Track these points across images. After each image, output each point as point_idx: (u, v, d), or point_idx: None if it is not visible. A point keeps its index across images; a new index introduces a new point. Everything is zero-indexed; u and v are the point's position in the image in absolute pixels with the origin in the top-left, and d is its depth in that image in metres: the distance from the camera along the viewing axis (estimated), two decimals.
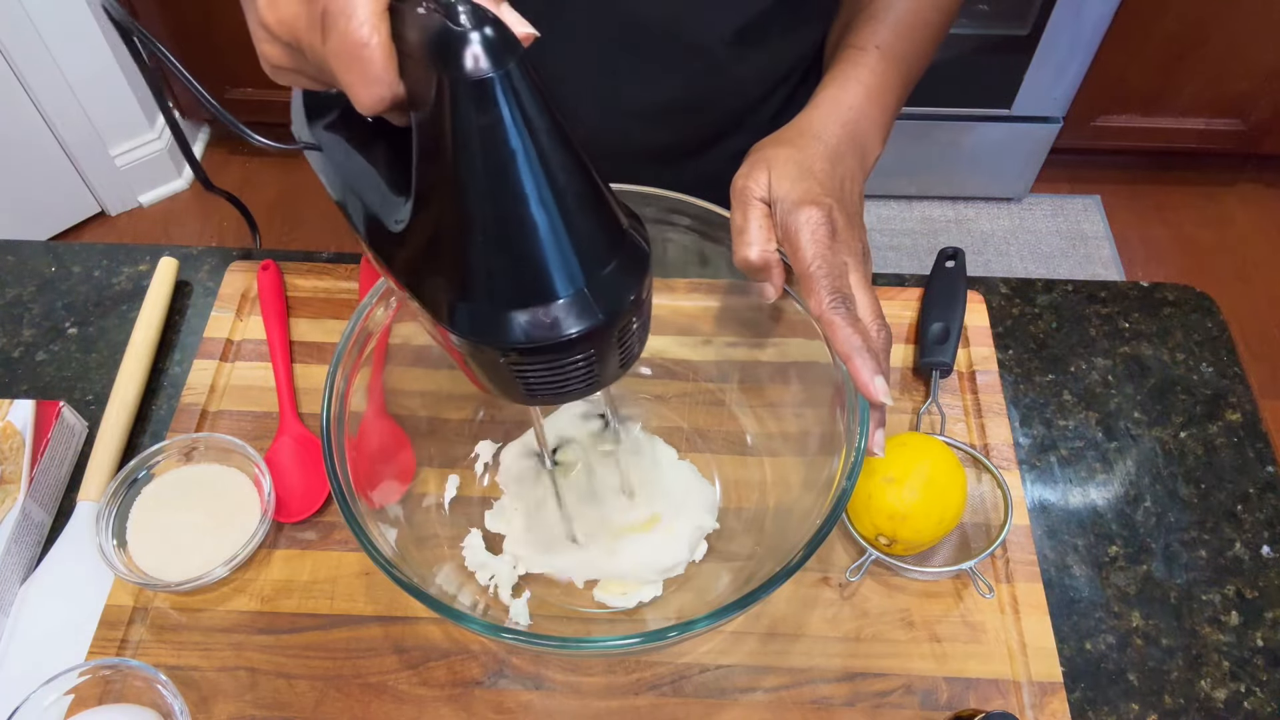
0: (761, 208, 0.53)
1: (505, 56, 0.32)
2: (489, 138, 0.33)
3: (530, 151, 0.33)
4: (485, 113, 0.32)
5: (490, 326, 0.36)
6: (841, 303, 0.50)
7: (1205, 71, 1.74)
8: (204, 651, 0.57)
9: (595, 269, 0.36)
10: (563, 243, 0.35)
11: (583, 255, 0.35)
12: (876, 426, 0.55)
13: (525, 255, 0.35)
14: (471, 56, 0.32)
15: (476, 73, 0.32)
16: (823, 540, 0.47)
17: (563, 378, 0.38)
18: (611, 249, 0.37)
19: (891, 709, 0.55)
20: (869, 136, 0.59)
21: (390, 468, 0.59)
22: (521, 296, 0.35)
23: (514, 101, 0.32)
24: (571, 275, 0.35)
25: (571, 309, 0.36)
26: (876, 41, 0.61)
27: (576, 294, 0.35)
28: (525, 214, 0.34)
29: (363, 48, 0.34)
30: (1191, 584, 0.61)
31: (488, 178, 0.33)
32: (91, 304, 0.74)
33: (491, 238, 0.35)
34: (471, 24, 0.32)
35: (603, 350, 0.38)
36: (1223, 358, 0.71)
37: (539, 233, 0.34)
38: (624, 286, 0.37)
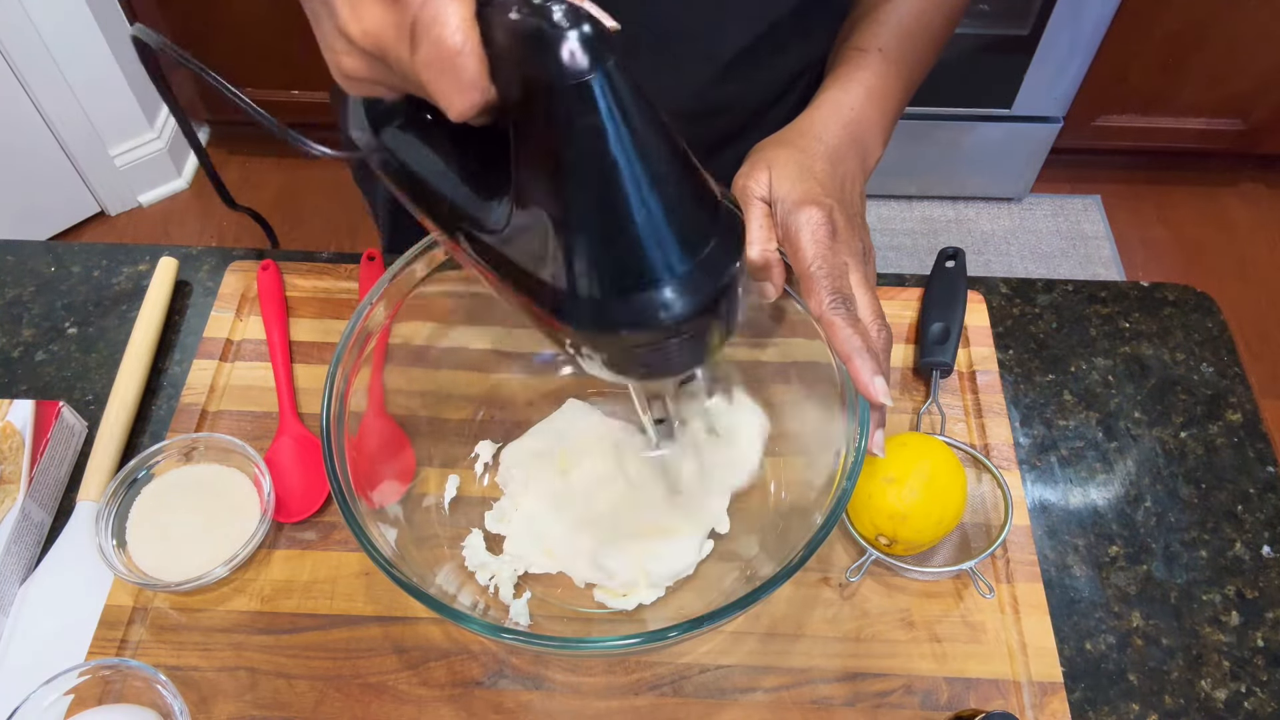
0: (762, 207, 0.53)
1: (604, 53, 0.32)
2: (596, 135, 0.33)
3: (635, 144, 0.34)
4: (590, 112, 0.33)
5: (610, 314, 0.37)
6: (841, 303, 0.50)
7: (1205, 71, 1.74)
8: (204, 651, 0.57)
9: (701, 247, 0.37)
10: (672, 227, 0.36)
11: (690, 235, 0.37)
12: (876, 427, 0.55)
13: (638, 243, 0.36)
14: (571, 56, 0.32)
15: (578, 73, 0.32)
16: (823, 540, 0.47)
17: (675, 353, 0.40)
18: (713, 224, 0.38)
19: (891, 709, 0.55)
20: (870, 138, 0.59)
21: (390, 468, 0.59)
22: (636, 282, 0.37)
23: (615, 97, 0.33)
24: (681, 256, 0.37)
25: (684, 288, 0.37)
26: (879, 44, 0.61)
27: (687, 273, 0.37)
28: (636, 205, 0.35)
29: (456, 55, 0.34)
30: (1191, 584, 0.61)
31: (597, 174, 0.34)
32: (91, 304, 0.74)
33: (604, 230, 0.36)
34: (569, 23, 0.32)
35: (712, 322, 0.40)
36: (1223, 358, 0.71)
37: (650, 221, 0.35)
38: (727, 259, 0.38)
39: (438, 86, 0.35)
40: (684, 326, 0.38)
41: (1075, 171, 2.03)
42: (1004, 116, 1.80)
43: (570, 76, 0.32)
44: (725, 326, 0.41)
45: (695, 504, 0.61)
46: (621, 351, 0.39)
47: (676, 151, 0.36)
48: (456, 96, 0.35)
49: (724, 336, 0.42)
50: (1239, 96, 1.79)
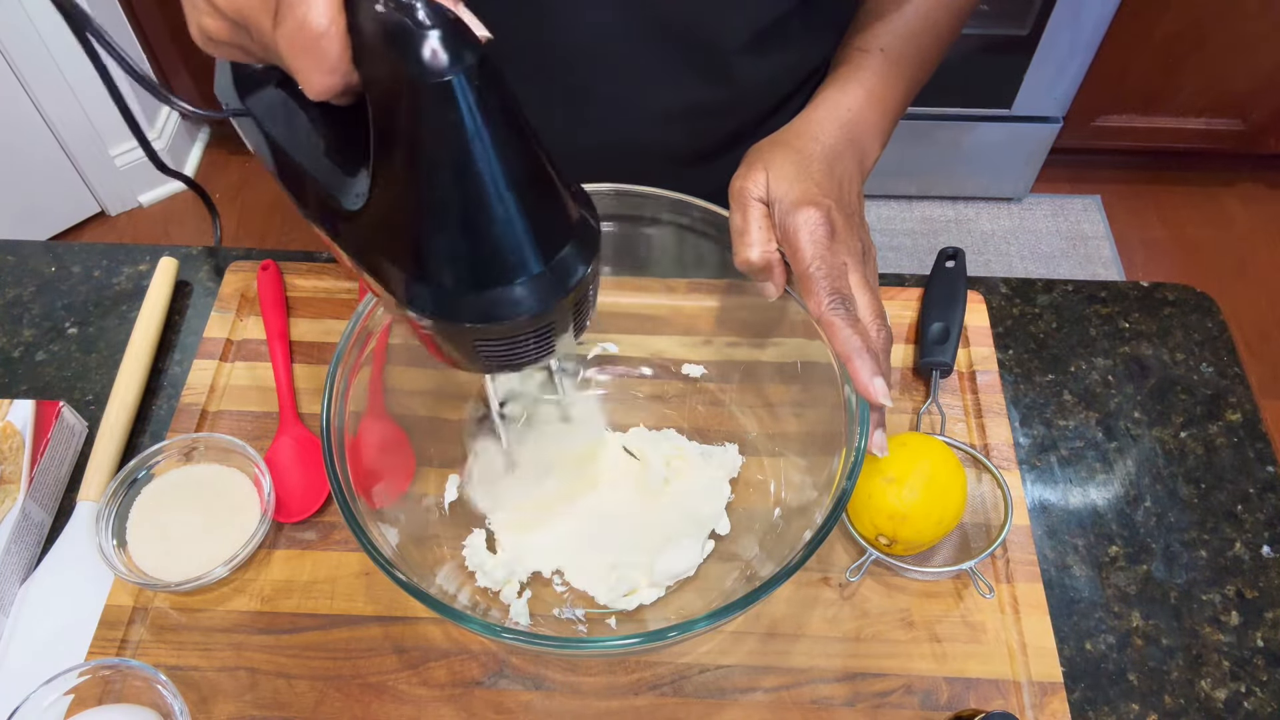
0: (761, 208, 0.53)
1: (465, 56, 0.33)
2: (450, 135, 0.34)
3: (489, 146, 0.34)
4: (446, 111, 0.33)
5: (452, 307, 0.38)
6: (841, 303, 0.50)
7: (1205, 71, 1.74)
8: (204, 651, 0.57)
9: (550, 252, 0.38)
10: (520, 229, 0.37)
11: (539, 240, 0.37)
12: (876, 427, 0.55)
13: (486, 242, 0.36)
14: (432, 56, 0.32)
15: (437, 73, 0.32)
16: (823, 540, 0.47)
17: (520, 350, 0.41)
18: (565, 232, 0.39)
19: (891, 709, 0.55)
20: (867, 139, 0.59)
21: (390, 468, 0.59)
22: (484, 278, 0.37)
23: (474, 100, 0.33)
24: (528, 258, 0.37)
25: (530, 289, 0.38)
26: (881, 44, 0.61)
27: (534, 276, 0.38)
28: (486, 205, 0.35)
29: (320, 37, 0.34)
30: (1191, 584, 0.61)
31: (450, 171, 0.34)
32: (91, 304, 0.74)
33: (454, 225, 0.36)
34: (431, 22, 0.32)
35: (557, 324, 0.40)
36: (1223, 358, 0.71)
37: (499, 221, 0.36)
38: (575, 267, 0.39)
39: (298, 64, 0.35)
40: (525, 325, 0.39)
41: (1075, 171, 2.03)
42: (1004, 116, 1.80)
43: (431, 75, 0.32)
44: (571, 328, 0.42)
45: (691, 506, 0.61)
46: (467, 344, 0.40)
47: (533, 158, 0.37)
48: (316, 77, 0.35)
49: (571, 338, 0.43)
50: (1239, 96, 1.79)
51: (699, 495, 0.61)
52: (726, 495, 0.62)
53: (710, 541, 0.60)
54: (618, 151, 0.65)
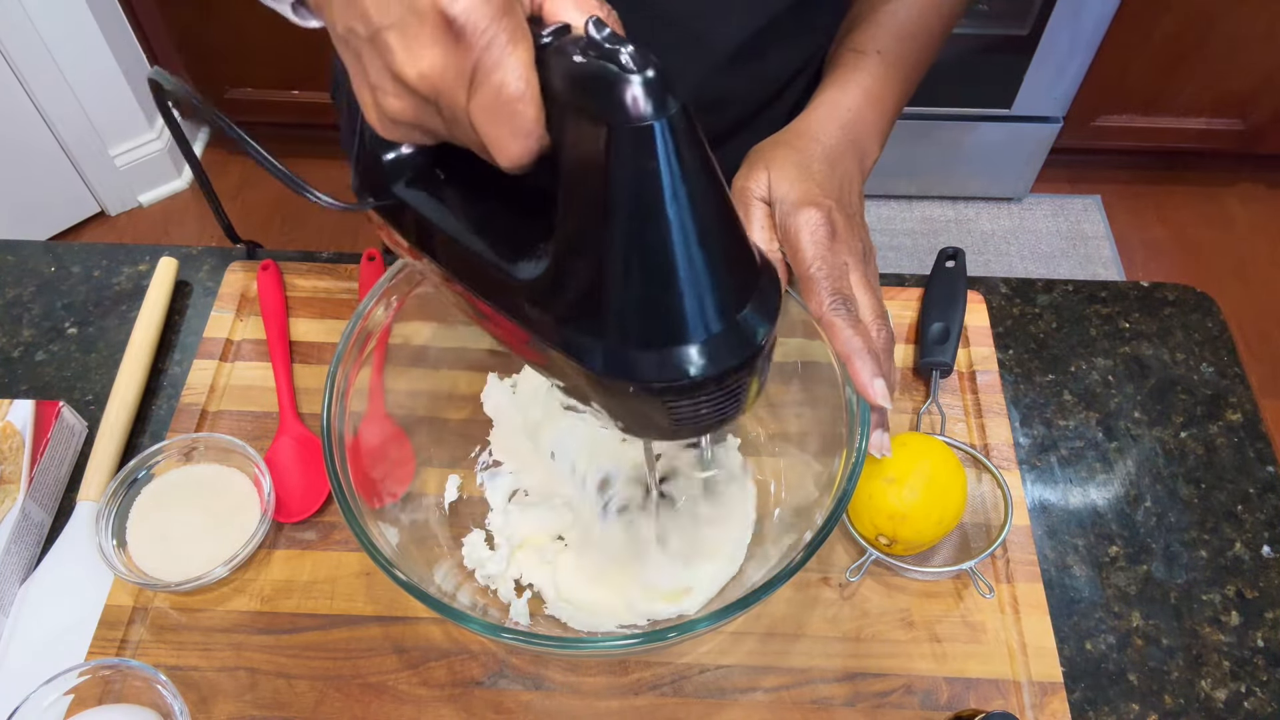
0: (763, 208, 0.53)
1: (669, 102, 0.32)
2: (652, 184, 0.33)
3: (691, 197, 0.33)
4: (649, 159, 0.32)
5: (649, 365, 0.36)
6: (842, 304, 0.50)
7: (1205, 71, 1.74)
8: (204, 651, 0.57)
9: (742, 305, 0.37)
10: (718, 283, 0.36)
11: (734, 293, 0.37)
12: (877, 427, 0.55)
13: (682, 297, 0.35)
14: (634, 102, 0.31)
15: (641, 116, 0.32)
16: (823, 541, 0.47)
17: (710, 410, 0.39)
18: (752, 285, 0.38)
19: (891, 709, 0.55)
20: (867, 140, 0.59)
21: (390, 468, 0.59)
22: (678, 336, 0.36)
23: (676, 145, 0.32)
24: (723, 311, 0.36)
25: (724, 344, 0.36)
26: (877, 46, 0.61)
27: (727, 329, 0.36)
28: (687, 259, 0.34)
29: (517, 102, 0.34)
30: (1191, 584, 0.61)
31: (651, 225, 0.33)
32: (91, 304, 0.74)
33: (650, 283, 0.35)
34: (636, 66, 0.32)
35: (747, 381, 0.39)
36: (1223, 358, 0.71)
37: (697, 275, 0.35)
38: (765, 320, 0.38)
39: (494, 133, 0.35)
40: (717, 386, 0.37)
41: (1075, 171, 2.03)
42: (1004, 116, 1.80)
43: (634, 120, 0.32)
44: (757, 388, 0.41)
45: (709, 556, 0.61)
46: (651, 407, 0.38)
47: (730, 208, 0.36)
48: (513, 144, 0.35)
49: (754, 398, 0.41)
50: (1239, 96, 1.79)
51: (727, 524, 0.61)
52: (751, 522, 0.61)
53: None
54: None
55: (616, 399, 0.39)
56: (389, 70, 0.35)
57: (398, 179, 0.41)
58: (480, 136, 0.35)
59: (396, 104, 0.36)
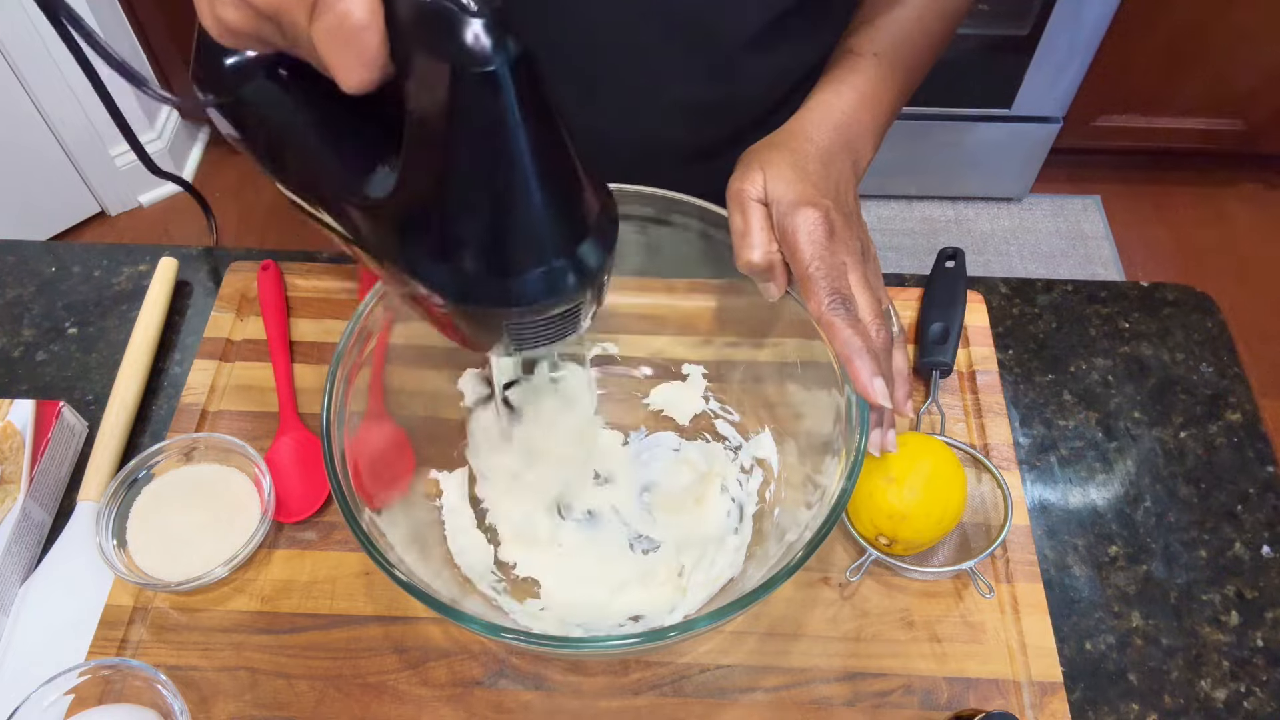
0: (761, 209, 0.53)
1: (510, 44, 0.32)
2: (495, 123, 0.33)
3: (529, 136, 0.34)
4: (493, 99, 0.33)
5: (493, 291, 0.38)
6: (841, 304, 0.50)
7: (1205, 71, 1.74)
8: (204, 651, 0.57)
9: (581, 236, 0.39)
10: (557, 216, 0.37)
11: (572, 225, 0.38)
12: (876, 426, 0.55)
13: (522, 227, 0.37)
14: (477, 41, 0.32)
15: (482, 60, 0.32)
16: (822, 541, 0.47)
17: (550, 330, 0.42)
18: (591, 217, 0.40)
19: (891, 709, 0.55)
20: (861, 141, 0.59)
21: (390, 467, 0.59)
22: (520, 264, 0.38)
23: (517, 88, 0.33)
24: (562, 242, 0.38)
25: (564, 272, 0.39)
26: (875, 48, 0.61)
27: (568, 259, 0.39)
28: (526, 195, 0.36)
29: (361, 30, 0.33)
30: (1191, 584, 0.61)
31: (492, 162, 0.34)
32: (91, 304, 0.74)
33: (491, 212, 0.36)
34: (477, 9, 0.32)
35: (585, 303, 0.41)
36: (1223, 358, 0.71)
37: (535, 211, 0.36)
38: (604, 249, 0.40)
39: (336, 58, 0.34)
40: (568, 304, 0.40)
41: (1075, 171, 2.03)
42: (1004, 116, 1.80)
43: (475, 63, 0.32)
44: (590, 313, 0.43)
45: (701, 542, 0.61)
46: (495, 326, 0.41)
47: (568, 145, 0.37)
48: (356, 71, 0.35)
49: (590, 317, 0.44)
50: (1239, 96, 1.79)
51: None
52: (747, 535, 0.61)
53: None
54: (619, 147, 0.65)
55: (460, 316, 0.40)
56: None
57: (241, 80, 0.41)
58: (322, 59, 0.35)
59: (233, 14, 0.36)
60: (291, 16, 0.35)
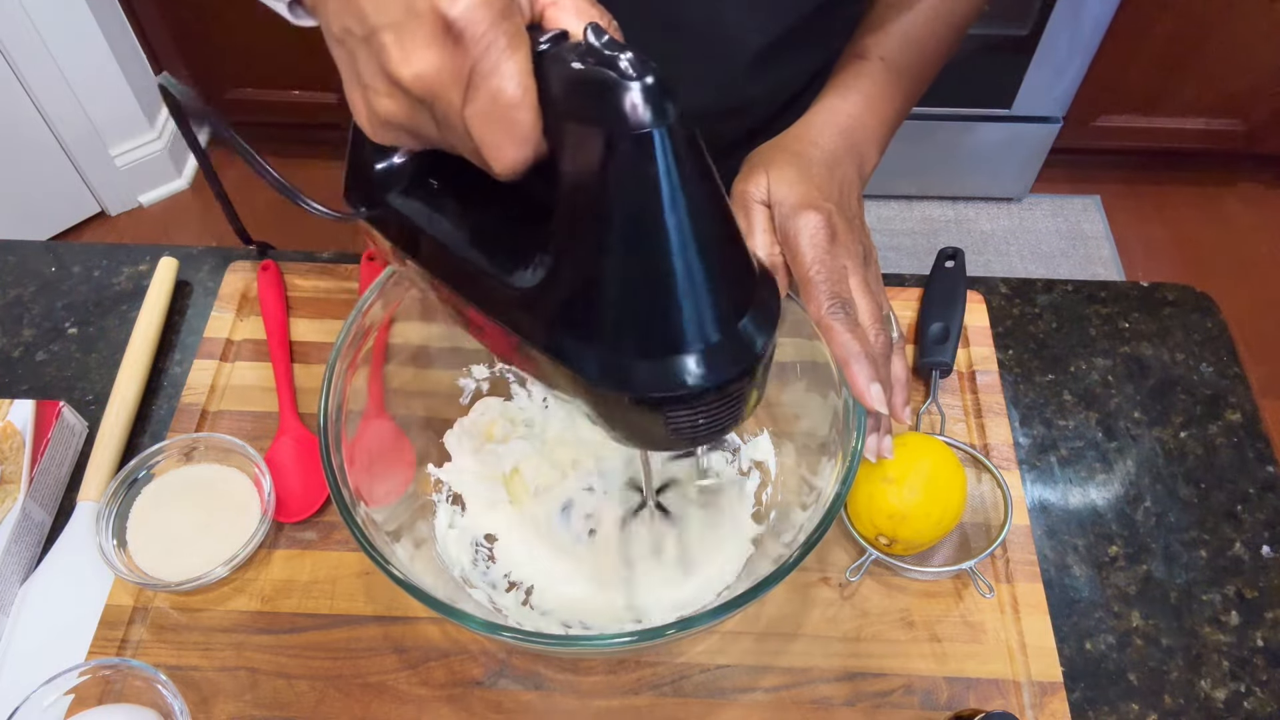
0: (764, 211, 0.53)
1: (669, 109, 0.32)
2: (651, 193, 0.32)
3: (689, 205, 0.33)
4: (648, 167, 0.32)
5: (650, 375, 0.36)
6: (840, 307, 0.50)
7: (1205, 71, 1.74)
8: (204, 651, 0.57)
9: (741, 314, 0.37)
10: (716, 292, 0.35)
11: (732, 302, 0.36)
12: (873, 431, 0.55)
13: (680, 307, 0.35)
14: (634, 108, 0.31)
15: (641, 123, 0.31)
16: (817, 543, 0.47)
17: (707, 421, 0.39)
18: (750, 294, 0.38)
19: (891, 709, 0.55)
20: (866, 145, 0.59)
21: (389, 467, 0.59)
22: (676, 345, 0.36)
23: (676, 152, 0.32)
24: (722, 321, 0.36)
25: (723, 354, 0.36)
26: (881, 52, 0.61)
27: (726, 339, 0.36)
28: (685, 268, 0.34)
29: (514, 108, 0.33)
30: (1191, 584, 0.61)
31: (649, 233, 0.33)
32: (91, 304, 0.74)
33: (648, 292, 0.34)
34: (637, 74, 0.31)
35: (746, 391, 0.38)
36: (1223, 358, 0.71)
37: (695, 285, 0.34)
38: (763, 329, 0.38)
39: (490, 139, 0.34)
40: (715, 396, 0.37)
41: (1075, 171, 2.03)
42: (1004, 116, 1.80)
43: (633, 127, 0.31)
44: (756, 397, 0.40)
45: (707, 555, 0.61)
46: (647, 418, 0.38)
47: (729, 215, 0.36)
48: (509, 150, 0.34)
49: (752, 407, 0.41)
50: (1239, 96, 1.79)
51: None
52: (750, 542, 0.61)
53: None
54: None
55: (612, 409, 0.38)
56: (383, 71, 0.35)
57: (390, 188, 0.41)
58: (475, 142, 0.35)
59: (389, 105, 0.36)
60: (446, 100, 0.34)
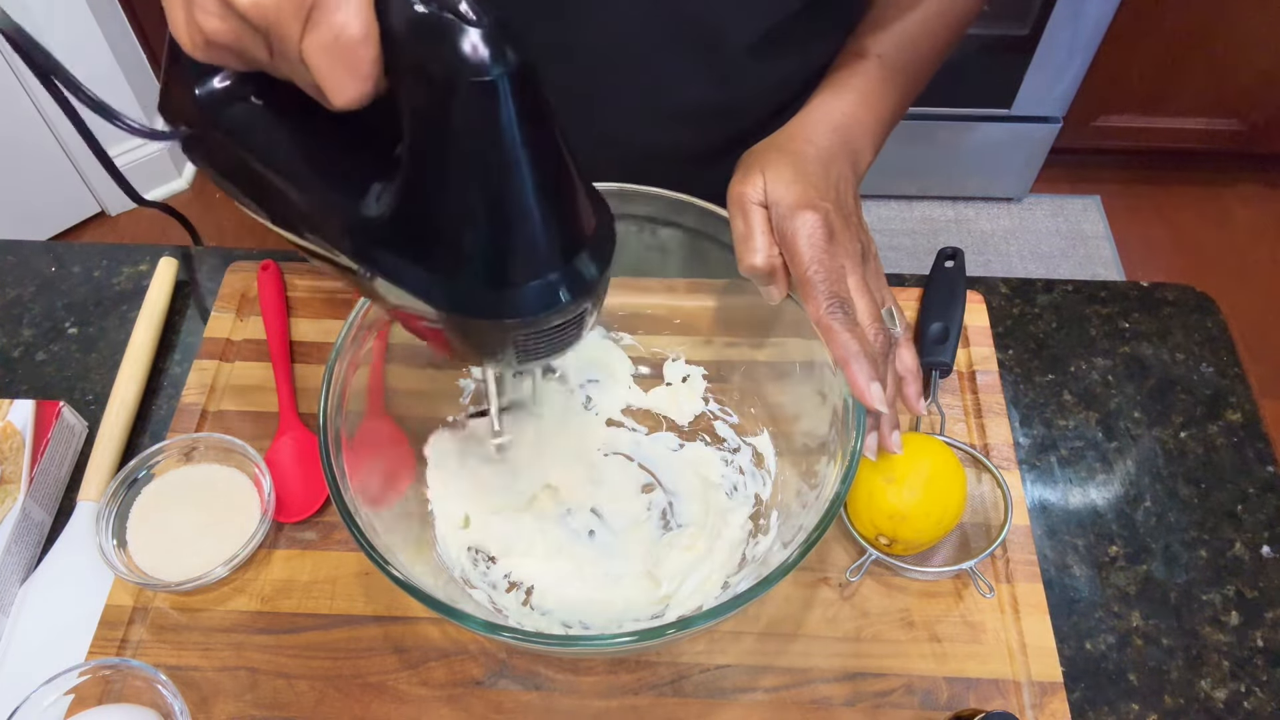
0: (762, 212, 0.53)
1: (509, 54, 0.32)
2: (492, 137, 0.33)
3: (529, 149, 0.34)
4: (489, 112, 0.33)
5: (493, 304, 0.38)
6: (839, 307, 0.50)
7: (1205, 71, 1.74)
8: (204, 651, 0.57)
9: (583, 244, 0.39)
10: (560, 225, 0.37)
11: (574, 234, 0.38)
12: (872, 430, 0.55)
13: (526, 239, 0.37)
14: (475, 51, 0.32)
15: (482, 70, 0.32)
16: (816, 542, 0.47)
17: (554, 341, 0.41)
18: (591, 226, 0.40)
19: (891, 709, 0.55)
20: (861, 142, 0.59)
21: (389, 467, 0.59)
22: (524, 274, 0.38)
23: (516, 100, 0.33)
24: (565, 251, 0.38)
25: (568, 281, 0.38)
26: (878, 50, 0.61)
27: (570, 268, 0.38)
28: (526, 207, 0.36)
29: (357, 44, 0.33)
30: (1191, 584, 0.61)
31: (492, 175, 0.34)
32: (91, 304, 0.74)
33: (491, 225, 0.36)
34: (476, 18, 0.32)
35: (583, 316, 0.41)
36: (1223, 358, 0.71)
37: (535, 223, 0.36)
38: (604, 256, 0.40)
39: (329, 73, 0.33)
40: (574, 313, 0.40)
41: (1075, 171, 2.03)
42: (1004, 116, 1.80)
43: (474, 72, 0.32)
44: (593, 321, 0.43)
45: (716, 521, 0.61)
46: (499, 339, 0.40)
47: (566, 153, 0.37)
48: (350, 86, 0.34)
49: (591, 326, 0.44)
50: (1239, 96, 1.79)
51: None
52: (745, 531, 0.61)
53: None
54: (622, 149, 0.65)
55: (460, 331, 0.40)
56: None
57: (212, 106, 0.39)
58: (312, 75, 0.34)
59: (217, 25, 0.35)
60: (282, 29, 0.33)
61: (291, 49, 0.34)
